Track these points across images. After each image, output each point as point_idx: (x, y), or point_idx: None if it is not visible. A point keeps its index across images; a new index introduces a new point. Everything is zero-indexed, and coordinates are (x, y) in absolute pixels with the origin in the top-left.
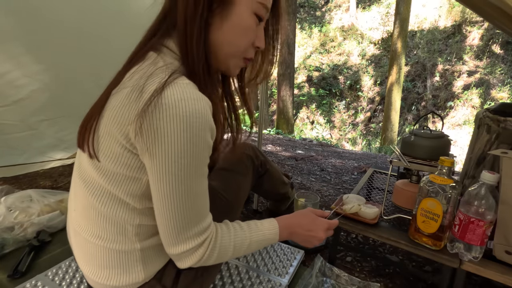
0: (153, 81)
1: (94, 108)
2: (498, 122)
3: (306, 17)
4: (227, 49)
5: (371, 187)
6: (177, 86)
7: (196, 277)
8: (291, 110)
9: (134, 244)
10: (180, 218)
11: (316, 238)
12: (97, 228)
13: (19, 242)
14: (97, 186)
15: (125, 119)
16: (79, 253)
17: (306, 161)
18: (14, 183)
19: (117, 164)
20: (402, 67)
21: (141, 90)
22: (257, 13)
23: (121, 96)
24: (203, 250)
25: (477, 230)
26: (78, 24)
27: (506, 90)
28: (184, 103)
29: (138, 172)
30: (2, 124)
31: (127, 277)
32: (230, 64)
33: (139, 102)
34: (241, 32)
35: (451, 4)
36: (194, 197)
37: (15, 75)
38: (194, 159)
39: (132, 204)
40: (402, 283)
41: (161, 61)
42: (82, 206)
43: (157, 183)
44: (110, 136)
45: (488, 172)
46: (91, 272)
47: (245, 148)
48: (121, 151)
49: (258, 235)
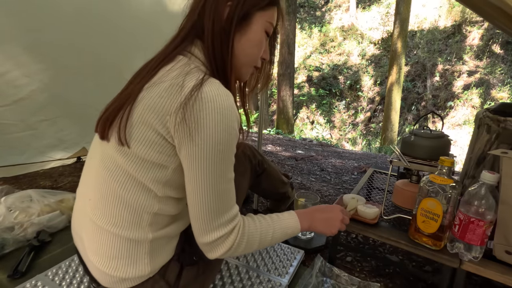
0: (191, 78)
1: (123, 99)
2: (498, 122)
3: (306, 17)
4: (243, 59)
5: (371, 187)
6: (212, 84)
7: (198, 274)
8: (291, 110)
9: (146, 234)
10: (213, 203)
11: (336, 220)
12: (114, 215)
13: (19, 242)
14: (121, 172)
15: (165, 109)
16: (90, 243)
17: (306, 161)
18: (14, 183)
19: (150, 150)
20: (402, 67)
21: (182, 85)
22: (266, 30)
23: (160, 90)
24: (233, 237)
25: (477, 230)
26: (78, 24)
27: (506, 90)
28: (219, 98)
29: (167, 159)
30: (2, 124)
31: (134, 269)
32: (243, 72)
33: (180, 95)
34: (256, 45)
35: (451, 4)
36: (226, 183)
37: (15, 75)
38: (227, 145)
39: (154, 191)
40: (402, 283)
41: (192, 64)
42: (101, 194)
43: (193, 168)
44: (145, 124)
45: (488, 172)
46: (99, 262)
47: (242, 148)
48: (156, 138)
49: (280, 224)
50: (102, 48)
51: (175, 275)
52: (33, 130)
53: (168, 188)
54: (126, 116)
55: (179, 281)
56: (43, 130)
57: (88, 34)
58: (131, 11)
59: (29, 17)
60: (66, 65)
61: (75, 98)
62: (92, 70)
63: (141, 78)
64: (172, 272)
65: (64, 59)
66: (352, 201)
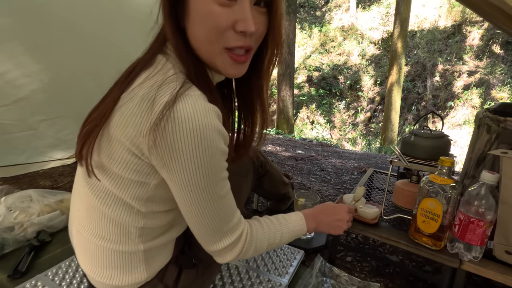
0: (165, 92)
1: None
2: (498, 122)
3: (306, 17)
4: (200, 43)
5: (371, 187)
6: (188, 99)
7: (196, 276)
8: (291, 110)
9: (137, 246)
10: (210, 221)
11: (342, 221)
12: (100, 229)
13: (19, 242)
14: (101, 189)
15: (136, 130)
16: (82, 252)
17: (306, 161)
18: (14, 183)
19: (125, 169)
20: (402, 67)
21: (153, 101)
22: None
23: (132, 104)
24: (241, 245)
25: (477, 230)
26: (77, 24)
27: (506, 90)
28: (196, 116)
29: (146, 177)
30: (2, 124)
31: (130, 276)
32: (216, 61)
33: (151, 115)
34: (202, 20)
35: (451, 4)
36: (219, 201)
37: (15, 75)
38: (212, 168)
39: (136, 208)
40: (402, 283)
41: (171, 69)
42: (86, 207)
43: (180, 193)
44: (118, 142)
45: (488, 172)
46: (93, 271)
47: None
48: (130, 157)
49: (288, 226)
50: (103, 48)
51: (173, 278)
52: (33, 130)
53: (152, 204)
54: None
55: (178, 284)
56: (43, 130)
57: (88, 33)
58: (132, 11)
59: (30, 17)
60: (66, 65)
61: (75, 98)
62: (93, 70)
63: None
64: (171, 275)
65: (64, 59)
66: (360, 189)
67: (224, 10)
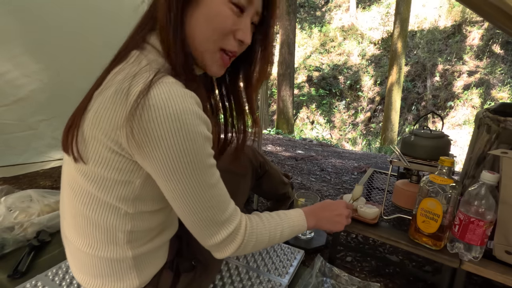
0: (138, 81)
1: (76, 111)
2: (498, 122)
3: (306, 17)
4: (199, 39)
5: (371, 187)
6: (162, 85)
7: (194, 279)
8: (291, 110)
9: (125, 252)
10: (203, 212)
11: (341, 216)
12: (87, 237)
13: (19, 242)
14: (84, 193)
15: (112, 124)
16: (72, 261)
17: (306, 161)
18: (14, 183)
19: (107, 169)
20: (402, 67)
21: (127, 92)
22: (234, 2)
23: (104, 99)
24: (241, 236)
25: (477, 230)
26: (77, 24)
27: (506, 90)
28: (172, 101)
29: (130, 175)
30: (2, 124)
31: (121, 284)
32: (206, 58)
33: (126, 105)
34: (210, 19)
35: (451, 4)
36: (210, 189)
37: (15, 75)
38: (195, 154)
39: (124, 209)
40: (402, 283)
41: (144, 60)
42: (71, 214)
43: (167, 185)
44: (96, 140)
45: (488, 172)
46: (84, 280)
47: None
48: (110, 155)
49: (288, 222)
50: (103, 48)
51: (169, 283)
52: (33, 130)
53: (140, 203)
54: (76, 131)
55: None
56: (43, 130)
57: (88, 34)
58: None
59: (29, 17)
60: (66, 65)
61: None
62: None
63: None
64: (166, 280)
65: (63, 59)
66: (358, 188)
67: (233, 16)
